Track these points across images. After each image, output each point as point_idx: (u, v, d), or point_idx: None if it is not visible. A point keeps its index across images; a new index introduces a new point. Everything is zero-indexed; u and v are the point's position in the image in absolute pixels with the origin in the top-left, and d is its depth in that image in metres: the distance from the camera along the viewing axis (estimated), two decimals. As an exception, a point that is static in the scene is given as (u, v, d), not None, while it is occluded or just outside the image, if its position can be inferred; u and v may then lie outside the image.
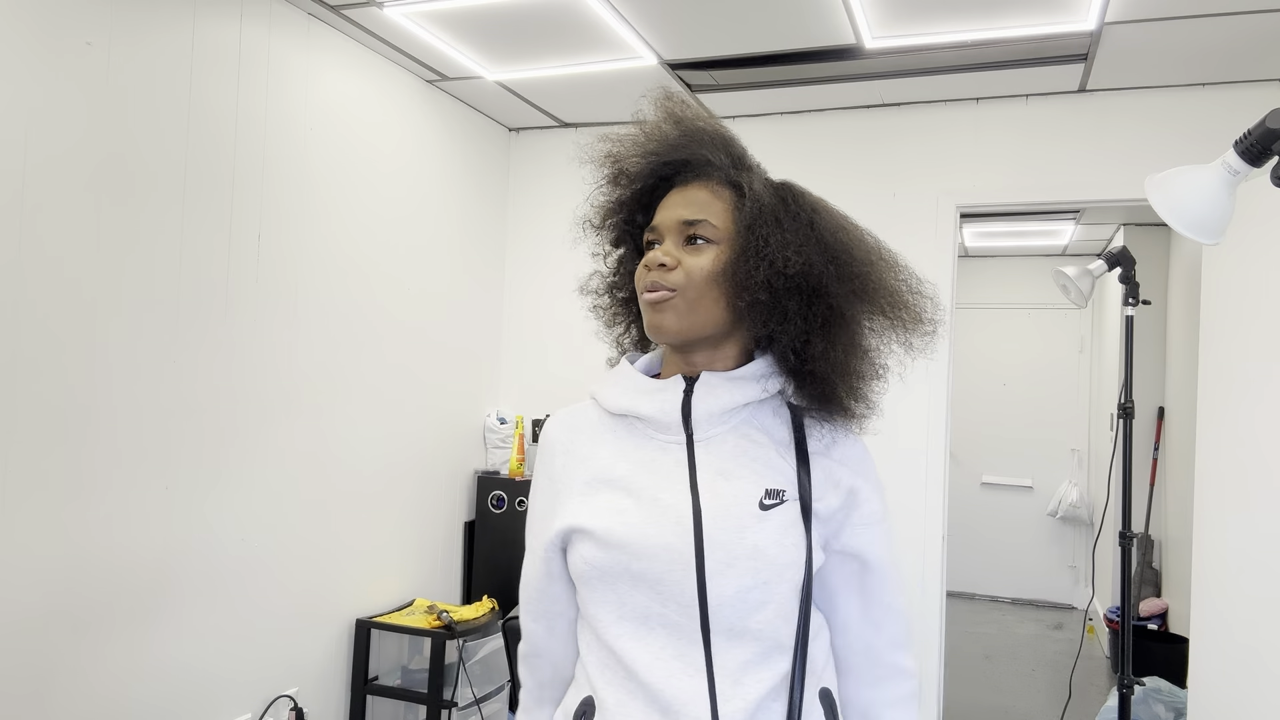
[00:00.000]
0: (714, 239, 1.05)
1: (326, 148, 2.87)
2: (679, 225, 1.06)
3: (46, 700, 2.06)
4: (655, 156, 1.10)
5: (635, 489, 1.04)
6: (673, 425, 1.06)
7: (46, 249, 2.03)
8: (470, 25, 2.81)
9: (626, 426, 1.10)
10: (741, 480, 1.03)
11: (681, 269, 1.04)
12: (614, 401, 1.10)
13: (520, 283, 3.93)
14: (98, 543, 2.17)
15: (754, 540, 0.99)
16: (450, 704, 2.98)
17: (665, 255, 1.04)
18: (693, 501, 1.01)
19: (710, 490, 1.02)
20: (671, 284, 1.03)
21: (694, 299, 1.03)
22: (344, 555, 3.02)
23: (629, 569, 1.01)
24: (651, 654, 1.00)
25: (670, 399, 1.07)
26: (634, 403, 1.08)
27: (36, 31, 1.99)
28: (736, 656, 0.99)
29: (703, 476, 1.03)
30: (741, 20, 2.70)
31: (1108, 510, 4.80)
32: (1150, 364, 4.93)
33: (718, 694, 0.98)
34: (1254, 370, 2.74)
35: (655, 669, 0.99)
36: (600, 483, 1.07)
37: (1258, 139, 1.19)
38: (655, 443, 1.07)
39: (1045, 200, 3.32)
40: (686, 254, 1.05)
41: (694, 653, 0.99)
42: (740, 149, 1.14)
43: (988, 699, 4.41)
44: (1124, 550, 2.72)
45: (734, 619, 0.99)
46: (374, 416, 3.14)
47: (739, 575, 0.98)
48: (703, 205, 1.06)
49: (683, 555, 0.99)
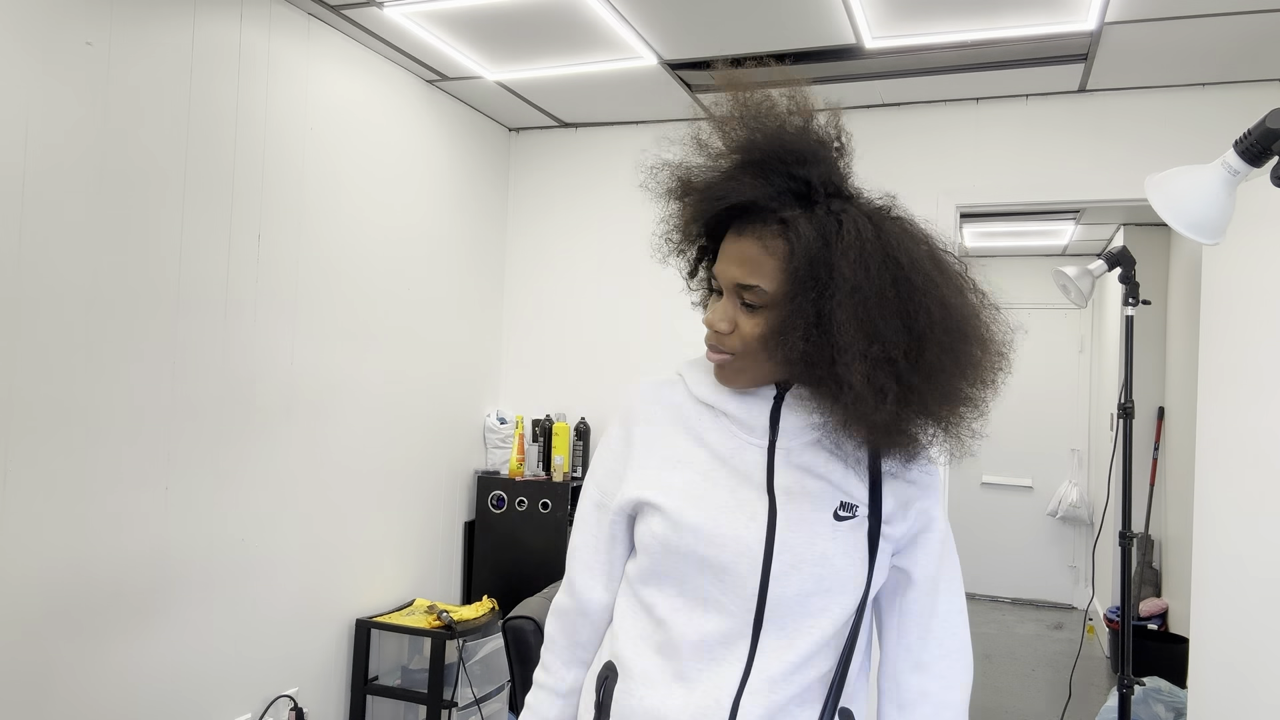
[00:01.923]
0: (765, 303, 1.00)
1: (326, 148, 2.87)
2: (733, 286, 1.02)
3: (46, 700, 2.06)
4: (710, 200, 1.02)
5: (715, 478, 1.05)
6: (759, 429, 1.06)
7: (46, 249, 2.03)
8: (470, 25, 2.81)
9: (712, 416, 1.09)
10: (817, 491, 1.03)
11: (737, 334, 1.02)
12: (703, 392, 1.10)
13: (520, 283, 3.93)
14: (98, 543, 2.17)
15: (823, 549, 1.01)
16: (450, 704, 2.98)
17: (721, 320, 1.03)
18: (769, 501, 1.02)
19: (786, 494, 1.03)
20: (730, 349, 1.04)
21: (750, 362, 1.03)
22: (344, 555, 3.02)
23: (697, 552, 1.02)
24: (699, 635, 1.02)
25: (759, 404, 1.07)
26: (720, 399, 1.08)
27: (36, 31, 1.99)
28: (782, 659, 1.01)
29: (780, 480, 1.04)
30: (741, 20, 2.70)
31: (1108, 510, 4.81)
32: (1150, 364, 4.93)
33: (746, 688, 1.00)
34: (1254, 370, 2.74)
35: (700, 651, 1.02)
36: (680, 462, 1.07)
37: (1258, 139, 1.19)
38: (738, 440, 1.07)
39: (1045, 200, 3.32)
40: (742, 315, 1.02)
41: (740, 645, 1.01)
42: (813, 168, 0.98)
43: (988, 699, 4.41)
44: (1124, 550, 2.72)
45: (788, 620, 1.01)
46: (374, 416, 3.14)
47: (803, 579, 1.00)
48: (754, 265, 0.99)
49: (751, 549, 1.01)
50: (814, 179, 0.98)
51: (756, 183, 0.98)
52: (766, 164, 0.98)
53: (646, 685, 1.04)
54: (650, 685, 1.03)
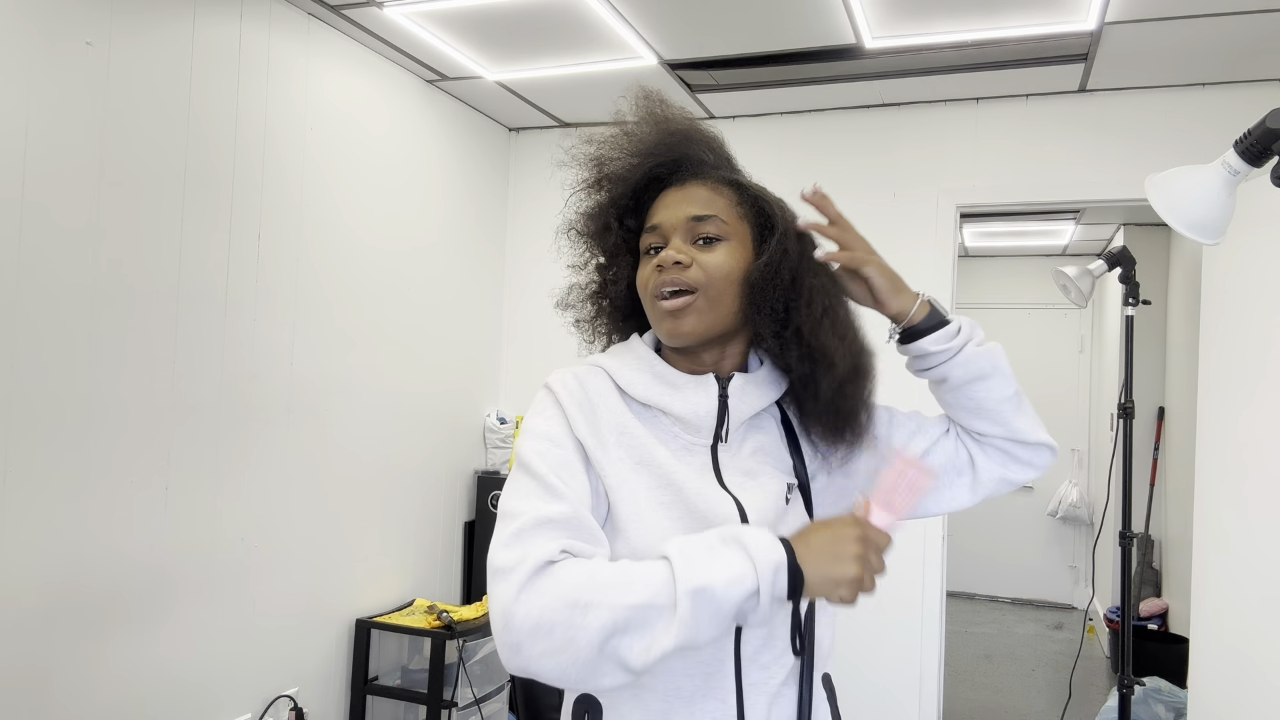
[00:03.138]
0: (725, 235, 1.03)
1: (326, 148, 2.87)
2: (686, 222, 1.03)
3: (47, 700, 2.06)
4: (649, 157, 1.08)
5: (677, 484, 0.99)
6: (705, 428, 1.04)
7: (46, 249, 2.03)
8: (470, 25, 2.81)
9: (651, 417, 1.05)
10: (764, 478, 1.04)
11: (698, 266, 1.01)
12: (639, 389, 1.04)
13: (520, 283, 3.93)
14: (98, 543, 2.17)
15: (786, 534, 1.00)
16: (450, 704, 2.98)
17: (680, 253, 1.01)
18: (734, 500, 1.01)
19: (740, 489, 1.02)
20: (691, 282, 1.01)
21: (715, 297, 1.01)
22: (344, 555, 3.02)
23: None
24: None
25: (704, 401, 1.04)
26: (662, 397, 1.03)
27: (36, 31, 1.99)
28: (769, 644, 1.00)
29: (729, 478, 1.03)
30: (741, 20, 2.70)
31: (1108, 510, 4.80)
32: (1150, 364, 4.93)
33: (744, 681, 0.99)
34: (1254, 370, 2.74)
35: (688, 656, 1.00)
36: (639, 467, 1.00)
37: (1258, 139, 1.19)
38: (681, 441, 1.04)
39: (1045, 200, 3.32)
40: (699, 251, 1.02)
41: (725, 639, 1.00)
42: (728, 152, 1.13)
43: (988, 699, 4.41)
44: (1124, 550, 2.72)
45: None
46: (374, 416, 3.14)
47: None
48: (707, 201, 1.04)
49: None
50: (732, 159, 1.12)
51: (689, 147, 1.09)
52: (692, 137, 1.09)
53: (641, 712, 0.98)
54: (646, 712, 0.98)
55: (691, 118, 1.13)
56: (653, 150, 1.08)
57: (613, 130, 1.11)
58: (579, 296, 1.16)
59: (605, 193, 1.11)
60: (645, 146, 1.08)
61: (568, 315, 1.18)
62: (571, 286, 1.17)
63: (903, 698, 3.34)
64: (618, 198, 1.10)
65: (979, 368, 1.07)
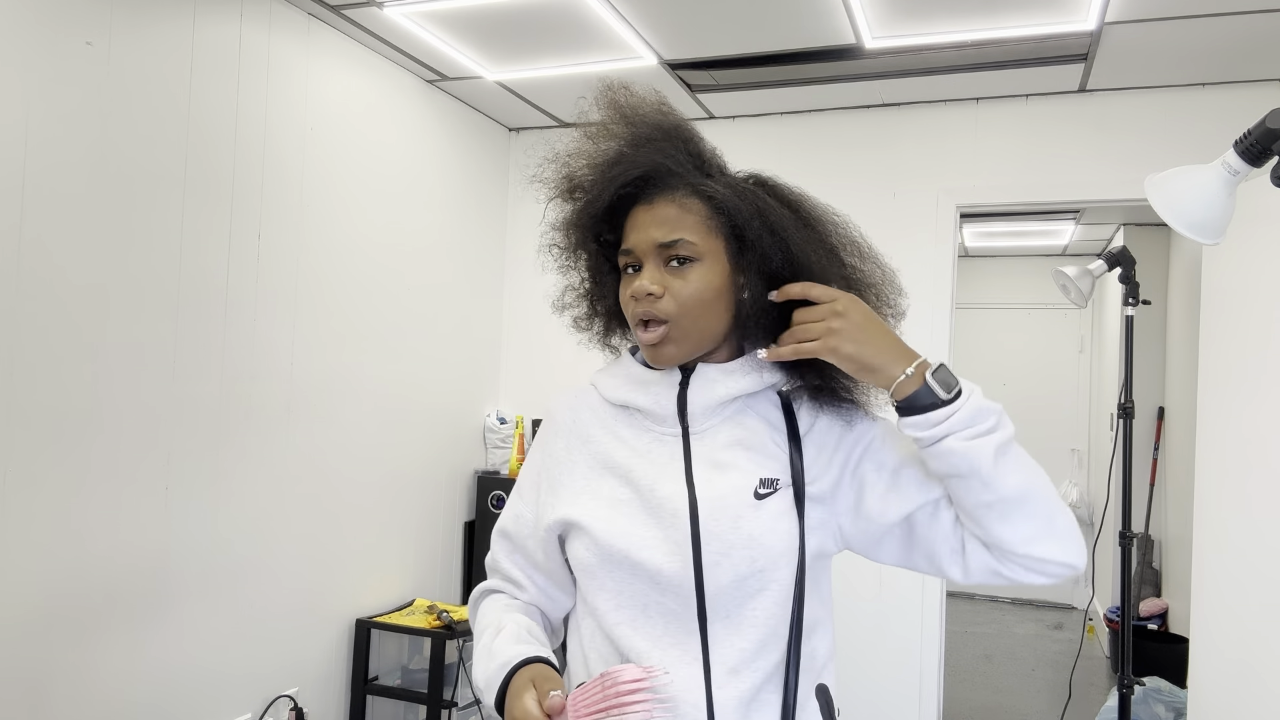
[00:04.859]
0: (695, 256, 1.01)
1: (326, 148, 2.87)
2: (655, 249, 1.02)
3: (46, 700, 2.06)
4: (613, 176, 1.04)
5: (634, 480, 1.05)
6: (668, 418, 1.06)
7: (46, 249, 2.03)
8: (470, 25, 2.81)
9: (627, 416, 1.10)
10: (737, 471, 1.03)
11: (670, 296, 1.01)
12: (612, 392, 1.11)
13: (520, 283, 3.93)
14: (98, 543, 2.17)
15: (749, 530, 1.00)
16: (450, 704, 2.99)
17: (651, 284, 1.01)
18: (689, 493, 1.02)
19: (705, 482, 1.02)
20: (664, 313, 1.01)
21: (689, 325, 1.02)
22: (344, 555, 3.02)
23: (629, 558, 1.02)
24: (650, 641, 1.01)
25: (665, 391, 1.07)
26: (630, 394, 1.09)
27: (36, 31, 1.99)
28: (734, 645, 1.00)
29: (698, 469, 1.04)
30: (741, 20, 2.70)
31: (1108, 510, 4.80)
32: (1150, 364, 4.93)
33: (713, 682, 0.99)
34: (1254, 370, 2.74)
35: (652, 656, 1.00)
36: (603, 470, 1.08)
37: (1258, 139, 1.19)
38: (652, 434, 1.07)
39: (1045, 200, 3.32)
40: (671, 277, 1.01)
41: (691, 641, 1.00)
42: (698, 145, 1.08)
43: (988, 699, 4.41)
44: (1124, 550, 2.72)
45: (731, 608, 1.00)
46: (374, 416, 3.14)
47: (735, 565, 0.99)
48: (674, 223, 1.01)
49: (680, 547, 1.00)
50: (704, 153, 1.08)
51: (656, 155, 1.04)
52: (658, 140, 1.05)
53: None
54: None
55: (659, 105, 1.09)
56: (618, 159, 1.05)
57: (577, 135, 1.10)
58: (574, 296, 1.17)
59: (578, 206, 1.09)
60: (610, 156, 1.06)
61: (566, 315, 1.19)
62: (565, 289, 1.18)
63: (903, 698, 3.34)
64: (589, 222, 1.08)
65: (952, 465, 0.95)
